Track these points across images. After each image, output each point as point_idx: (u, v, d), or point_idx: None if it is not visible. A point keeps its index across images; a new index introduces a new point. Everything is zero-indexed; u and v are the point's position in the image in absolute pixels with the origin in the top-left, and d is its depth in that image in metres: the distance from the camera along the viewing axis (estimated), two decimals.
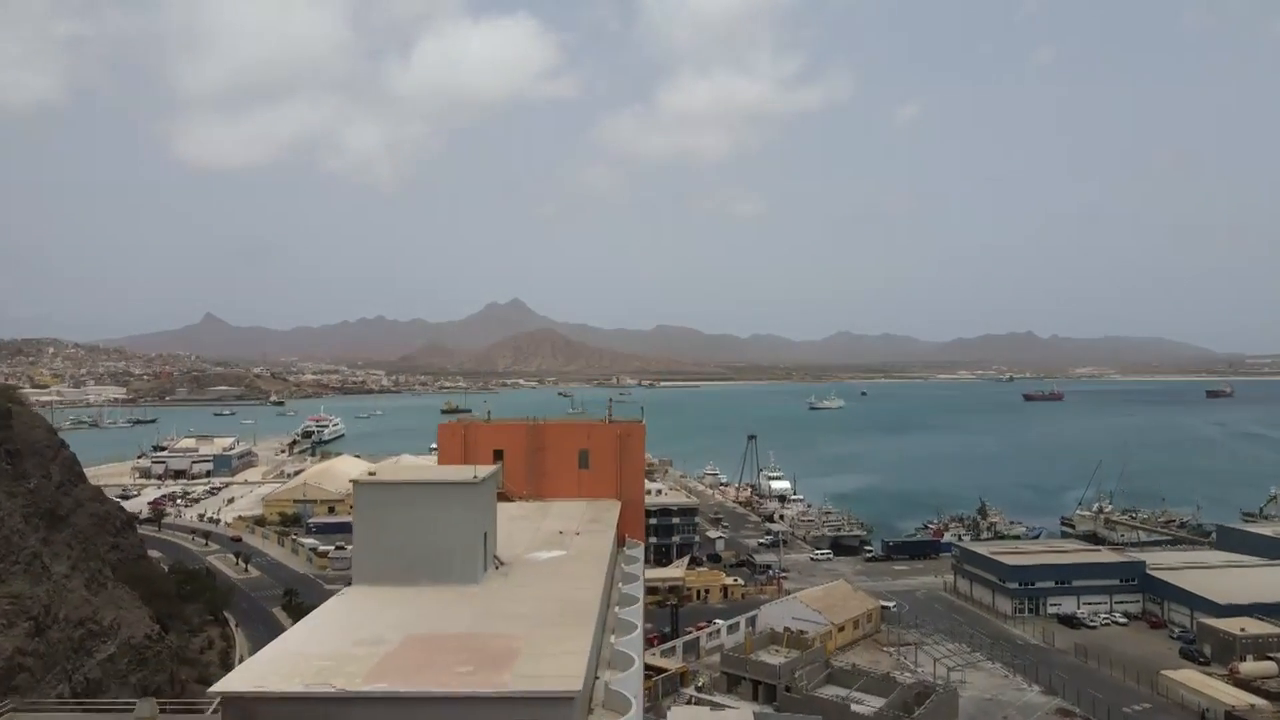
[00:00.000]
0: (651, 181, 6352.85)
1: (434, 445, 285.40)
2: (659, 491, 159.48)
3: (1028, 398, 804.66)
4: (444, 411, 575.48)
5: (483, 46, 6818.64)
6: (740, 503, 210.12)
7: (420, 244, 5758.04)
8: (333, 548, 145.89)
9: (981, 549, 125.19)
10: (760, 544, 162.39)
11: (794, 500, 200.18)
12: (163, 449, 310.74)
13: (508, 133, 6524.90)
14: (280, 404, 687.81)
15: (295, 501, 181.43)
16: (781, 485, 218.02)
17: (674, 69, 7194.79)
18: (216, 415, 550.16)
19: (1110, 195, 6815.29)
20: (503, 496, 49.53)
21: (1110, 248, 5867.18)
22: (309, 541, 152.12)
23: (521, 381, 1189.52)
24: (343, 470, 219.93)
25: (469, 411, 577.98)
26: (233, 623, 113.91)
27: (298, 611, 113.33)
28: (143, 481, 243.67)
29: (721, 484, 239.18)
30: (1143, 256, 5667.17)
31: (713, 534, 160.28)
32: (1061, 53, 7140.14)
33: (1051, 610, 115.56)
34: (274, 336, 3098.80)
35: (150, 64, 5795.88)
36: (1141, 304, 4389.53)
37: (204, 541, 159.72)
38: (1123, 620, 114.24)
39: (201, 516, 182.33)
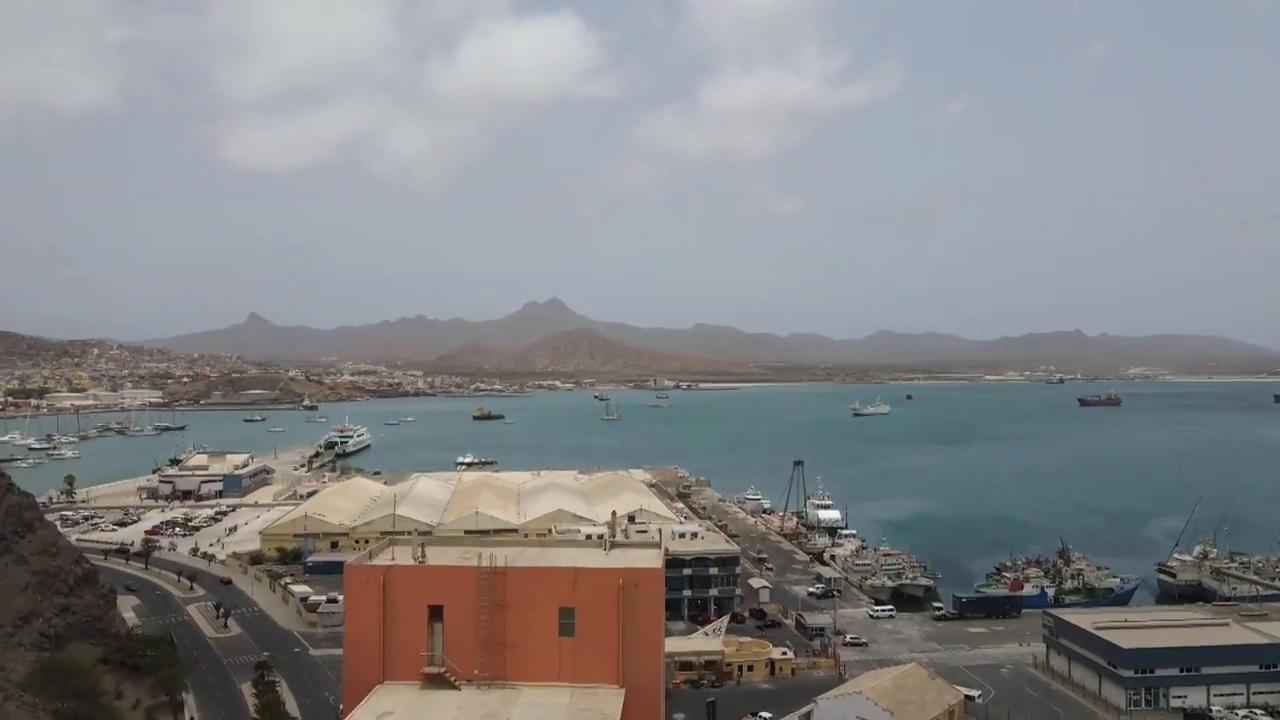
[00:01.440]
0: (692, 180, 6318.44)
1: (460, 460, 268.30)
2: (694, 535, 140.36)
3: (1083, 402, 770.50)
4: (475, 418, 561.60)
5: (526, 46, 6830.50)
6: (785, 534, 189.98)
7: (461, 244, 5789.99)
8: (324, 599, 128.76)
9: (1082, 621, 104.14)
10: (810, 593, 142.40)
11: (846, 535, 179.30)
12: (179, 462, 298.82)
13: (549, 132, 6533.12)
14: (313, 408, 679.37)
15: (295, 535, 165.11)
16: (831, 515, 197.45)
17: (717, 66, 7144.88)
18: (247, 421, 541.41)
19: (1161, 188, 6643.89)
20: (441, 680, 31.46)
21: (1161, 242, 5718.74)
22: (300, 590, 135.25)
23: (558, 383, 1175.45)
24: (356, 493, 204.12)
25: (501, 417, 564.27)
26: (189, 708, 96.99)
27: (267, 691, 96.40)
28: (149, 503, 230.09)
29: (764, 510, 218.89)
30: (1196, 251, 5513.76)
31: (756, 582, 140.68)
32: (1113, 45, 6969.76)
33: (1175, 703, 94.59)
34: (316, 336, 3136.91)
35: (198, 68, 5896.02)
36: (1194, 300, 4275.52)
37: (189, 585, 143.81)
38: (1265, 717, 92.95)
39: (194, 551, 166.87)
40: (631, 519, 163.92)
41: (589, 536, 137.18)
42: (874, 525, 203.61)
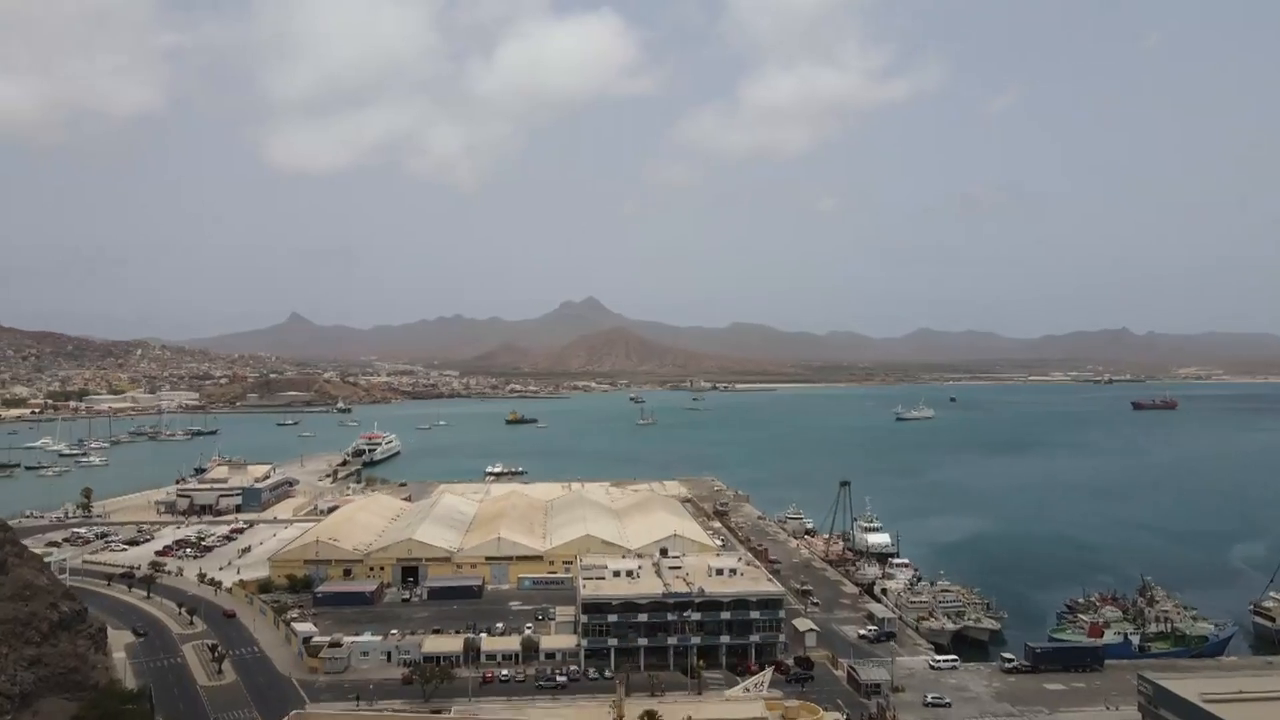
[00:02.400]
0: (730, 178, 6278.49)
1: (489, 470, 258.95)
2: (732, 571, 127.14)
3: (1136, 405, 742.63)
4: (508, 422, 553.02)
5: (565, 45, 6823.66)
6: (831, 560, 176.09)
7: (498, 243, 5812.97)
8: (328, 641, 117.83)
9: (1187, 691, 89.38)
10: (862, 636, 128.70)
11: (898, 565, 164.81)
12: (203, 471, 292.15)
13: (587, 131, 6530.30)
14: (346, 410, 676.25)
15: (306, 562, 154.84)
16: (880, 539, 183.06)
17: (757, 63, 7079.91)
18: (280, 425, 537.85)
19: (1209, 182, 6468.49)
20: None
21: (1211, 237, 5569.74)
22: (303, 629, 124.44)
23: (593, 384, 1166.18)
24: (376, 511, 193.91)
25: (534, 422, 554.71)
26: None
27: None
28: (165, 519, 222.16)
29: (807, 531, 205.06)
30: (1247, 247, 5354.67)
31: (801, 624, 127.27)
32: (1164, 36, 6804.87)
33: None
34: (356, 335, 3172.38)
35: (242, 72, 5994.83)
36: (1245, 296, 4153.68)
37: (189, 619, 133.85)
38: None
39: (202, 577, 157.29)
40: (664, 552, 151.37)
41: (618, 574, 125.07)
42: (927, 550, 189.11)
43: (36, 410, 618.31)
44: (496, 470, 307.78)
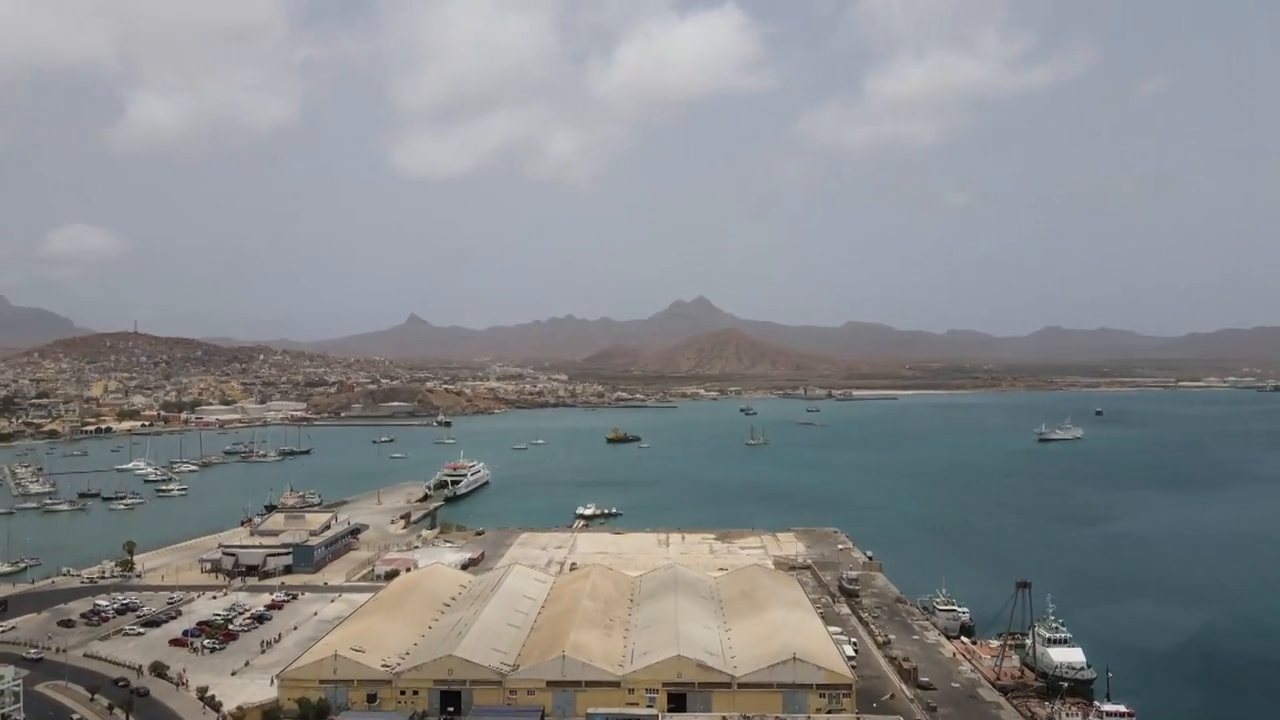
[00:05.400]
0: (848, 174, 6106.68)
1: (580, 511, 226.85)
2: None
3: None
4: (609, 440, 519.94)
5: (685, 43, 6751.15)
6: (1003, 687, 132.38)
7: (610, 243, 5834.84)
8: None
9: None
10: None
11: (1110, 713, 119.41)
12: (274, 509, 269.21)
13: (701, 129, 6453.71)
14: (447, 424, 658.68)
15: (321, 682, 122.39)
16: (1071, 658, 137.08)
17: (887, 54, 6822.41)
18: (374, 443, 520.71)
19: None
20: None
21: None
22: None
23: (701, 391, 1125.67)
24: (427, 594, 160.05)
25: (637, 440, 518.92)
26: None
27: None
28: (209, 580, 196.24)
29: (963, 629, 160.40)
30: None
31: None
32: None
33: None
34: (470, 336, 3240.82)
35: (372, 82, 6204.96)
36: None
37: None
38: None
39: (202, 694, 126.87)
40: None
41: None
42: (1136, 662, 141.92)
43: (147, 423, 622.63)
44: (588, 513, 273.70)
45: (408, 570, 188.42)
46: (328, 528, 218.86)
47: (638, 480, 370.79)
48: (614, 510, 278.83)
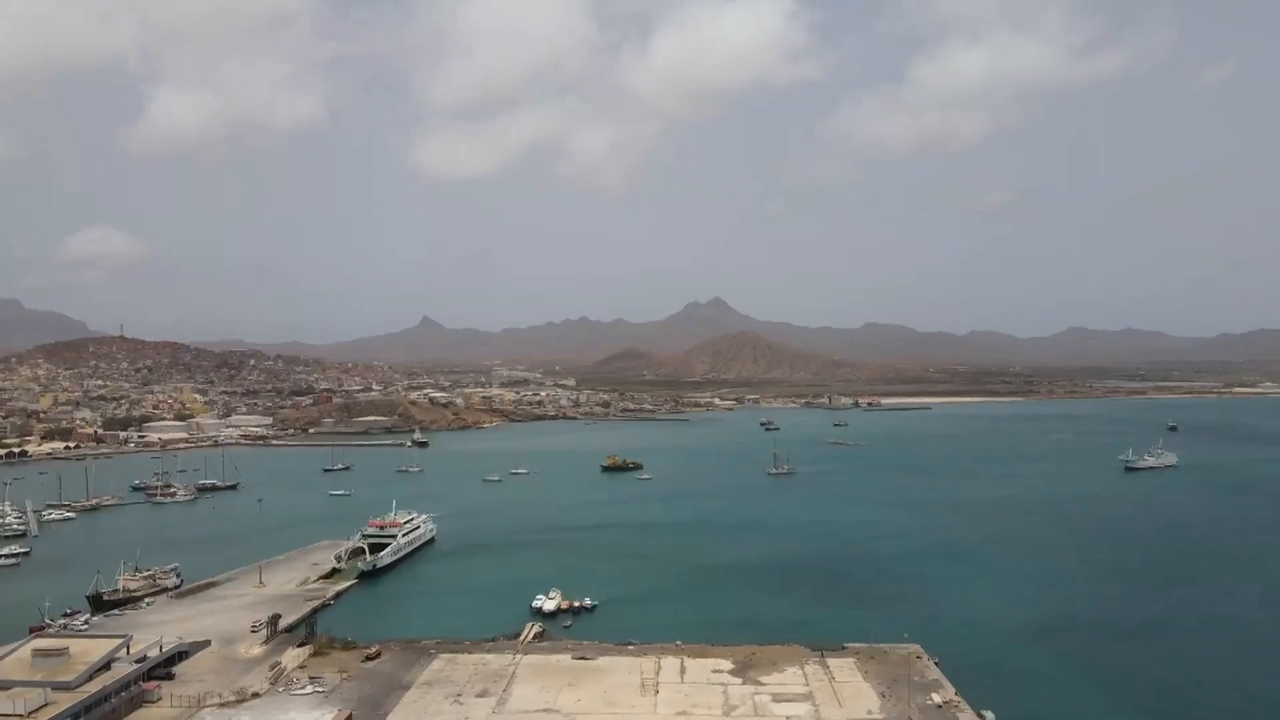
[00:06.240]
0: (883, 172, 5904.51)
1: (536, 604, 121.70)
2: None
3: None
4: (604, 469, 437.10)
5: (727, 31, 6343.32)
6: None
7: (629, 243, 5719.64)
8: None
9: None
10: None
11: None
12: (99, 598, 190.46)
13: (735, 125, 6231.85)
14: (423, 443, 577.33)
15: None
16: None
17: (937, 40, 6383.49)
18: (326, 471, 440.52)
19: None
20: None
21: None
22: None
23: (716, 400, 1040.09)
24: None
25: (638, 468, 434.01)
26: None
27: None
28: None
29: None
30: None
31: None
32: None
33: None
34: (484, 339, 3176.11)
35: (399, 77, 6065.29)
36: None
37: None
38: None
39: None
40: None
41: None
42: None
43: (76, 444, 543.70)
44: (550, 608, 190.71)
45: None
46: (106, 667, 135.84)
47: (635, 523, 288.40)
48: (586, 603, 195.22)
